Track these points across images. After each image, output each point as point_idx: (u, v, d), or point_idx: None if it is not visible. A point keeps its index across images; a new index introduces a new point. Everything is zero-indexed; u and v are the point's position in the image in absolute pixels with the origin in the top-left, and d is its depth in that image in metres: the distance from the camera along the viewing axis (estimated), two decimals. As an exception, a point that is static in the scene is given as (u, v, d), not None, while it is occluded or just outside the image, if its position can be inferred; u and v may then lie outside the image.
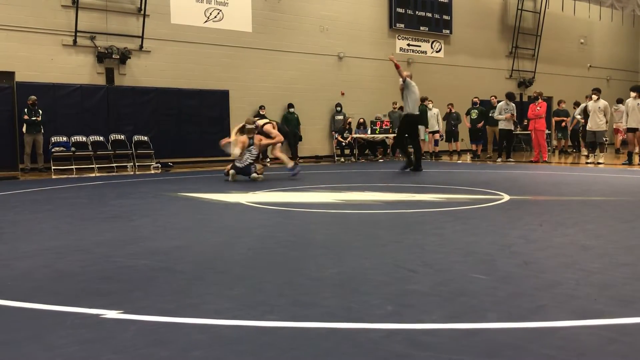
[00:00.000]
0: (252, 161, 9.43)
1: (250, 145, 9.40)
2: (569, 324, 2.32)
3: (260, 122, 9.93)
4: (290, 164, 10.34)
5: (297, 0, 16.77)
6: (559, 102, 18.15)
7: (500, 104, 14.74)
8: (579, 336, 2.20)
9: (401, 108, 17.27)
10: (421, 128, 16.66)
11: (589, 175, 10.04)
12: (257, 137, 9.57)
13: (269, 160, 15.46)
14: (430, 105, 16.60)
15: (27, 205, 6.89)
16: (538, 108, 14.06)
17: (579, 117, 16.24)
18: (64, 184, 9.59)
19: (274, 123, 10.17)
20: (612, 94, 20.58)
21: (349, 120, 16.43)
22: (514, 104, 14.70)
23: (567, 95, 19.67)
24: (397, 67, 10.89)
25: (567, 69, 23.96)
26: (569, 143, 18.41)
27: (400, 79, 11.06)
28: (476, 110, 16.38)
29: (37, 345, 2.20)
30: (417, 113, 11.32)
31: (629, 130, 12.71)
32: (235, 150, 9.33)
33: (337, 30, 17.52)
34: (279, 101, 16.20)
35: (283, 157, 10.45)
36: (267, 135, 9.73)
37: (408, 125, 11.28)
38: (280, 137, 9.89)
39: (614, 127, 17.00)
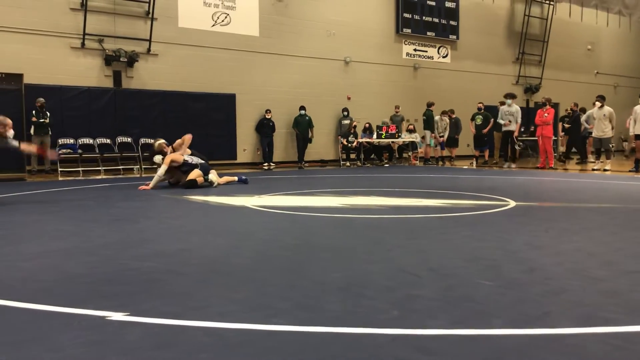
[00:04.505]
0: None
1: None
2: (574, 331, 2.31)
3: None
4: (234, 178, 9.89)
5: (304, 4, 16.81)
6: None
7: (502, 107, 14.73)
8: (584, 343, 2.19)
9: (397, 108, 17.40)
10: (427, 133, 16.67)
11: (596, 182, 10.00)
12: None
13: (271, 164, 15.50)
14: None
15: (34, 206, 6.92)
16: (546, 115, 13.85)
17: (585, 124, 16.14)
18: (71, 185, 9.63)
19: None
20: (620, 101, 20.52)
21: (354, 124, 16.43)
22: (517, 107, 14.63)
23: (573, 102, 19.59)
24: None
25: (574, 75, 23.87)
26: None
27: None
28: (481, 116, 16.35)
29: (43, 346, 2.21)
30: None
31: (637, 137, 12.55)
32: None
33: (343, 35, 17.55)
34: (285, 105, 16.21)
35: (226, 179, 9.78)
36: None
37: None
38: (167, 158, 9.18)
39: None
